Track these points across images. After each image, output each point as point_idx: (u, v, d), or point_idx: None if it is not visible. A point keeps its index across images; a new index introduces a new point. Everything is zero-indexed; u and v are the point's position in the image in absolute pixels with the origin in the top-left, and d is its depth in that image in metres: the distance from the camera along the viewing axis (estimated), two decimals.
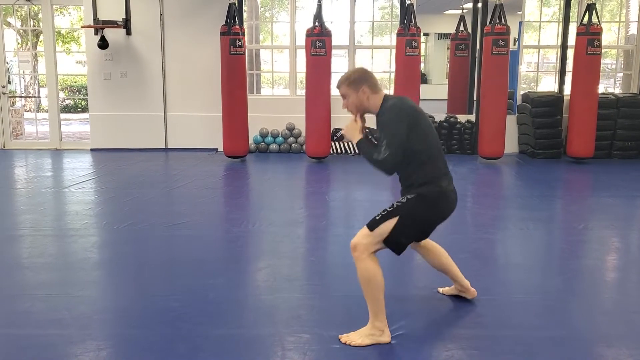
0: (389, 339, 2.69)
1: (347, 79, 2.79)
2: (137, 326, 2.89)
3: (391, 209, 2.70)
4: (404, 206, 2.70)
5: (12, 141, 8.91)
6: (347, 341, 2.68)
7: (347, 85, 2.78)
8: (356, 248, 2.70)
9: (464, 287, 3.13)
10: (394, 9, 9.22)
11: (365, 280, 2.67)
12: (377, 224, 2.69)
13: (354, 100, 2.78)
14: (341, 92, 2.82)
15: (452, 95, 9.30)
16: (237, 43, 7.40)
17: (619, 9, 9.51)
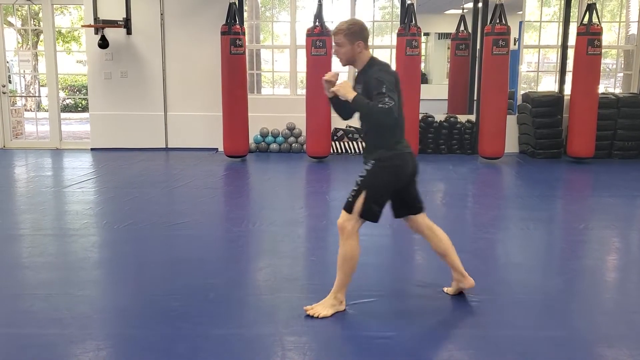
0: (344, 307, 2.99)
1: (348, 30, 2.87)
2: (137, 326, 2.89)
3: (357, 188, 2.89)
4: (366, 180, 2.89)
5: (13, 141, 8.91)
6: (313, 313, 2.90)
7: (345, 35, 2.87)
8: (345, 229, 2.91)
9: (461, 274, 3.14)
10: (395, 9, 9.21)
11: (347, 257, 2.92)
12: (352, 205, 2.89)
13: (348, 51, 2.89)
14: (337, 39, 2.89)
15: (452, 95, 9.29)
16: (238, 42, 7.39)
17: (619, 9, 9.50)
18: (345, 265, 2.93)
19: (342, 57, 2.93)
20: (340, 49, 2.90)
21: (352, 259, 2.93)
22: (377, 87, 2.76)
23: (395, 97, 2.76)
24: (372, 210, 2.91)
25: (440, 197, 6.01)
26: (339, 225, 2.93)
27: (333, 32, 2.92)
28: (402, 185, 2.99)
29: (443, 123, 8.26)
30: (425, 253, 4.22)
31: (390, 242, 4.40)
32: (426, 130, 8.17)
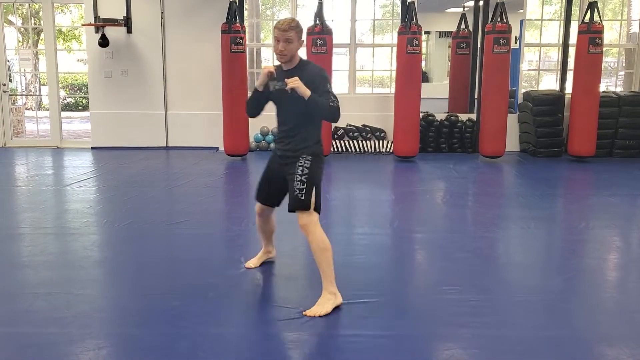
0: (341, 299, 2.99)
1: (297, 27, 2.98)
2: (137, 325, 2.88)
3: (306, 185, 3.00)
4: (312, 175, 3.03)
5: (13, 139, 8.91)
6: (313, 314, 2.90)
7: (296, 32, 2.96)
8: (308, 227, 3.00)
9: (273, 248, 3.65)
10: (395, 7, 9.20)
11: (321, 249, 2.99)
12: (309, 202, 3.00)
13: (295, 47, 2.99)
14: (288, 35, 2.94)
15: (453, 94, 9.29)
16: (238, 41, 7.39)
17: (621, 7, 9.49)
18: (323, 258, 3.00)
19: (289, 53, 2.99)
20: (289, 45, 2.96)
21: (326, 249, 3.00)
22: (324, 85, 2.97)
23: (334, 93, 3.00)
24: (320, 203, 3.08)
25: (440, 196, 6.00)
26: (302, 226, 3.01)
27: (283, 28, 2.95)
28: None
29: (444, 122, 8.25)
30: (426, 253, 4.22)
31: (389, 242, 4.39)
32: (427, 129, 8.16)
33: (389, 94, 8.44)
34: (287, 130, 3.13)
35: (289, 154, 3.11)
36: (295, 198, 3.00)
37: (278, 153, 3.21)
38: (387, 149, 8.17)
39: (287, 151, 3.11)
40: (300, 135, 3.08)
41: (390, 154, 8.08)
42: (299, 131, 3.08)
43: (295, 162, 3.06)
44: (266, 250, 3.68)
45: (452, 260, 3.87)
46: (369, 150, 8.21)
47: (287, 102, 3.05)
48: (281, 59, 3.02)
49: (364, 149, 8.23)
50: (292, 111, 3.06)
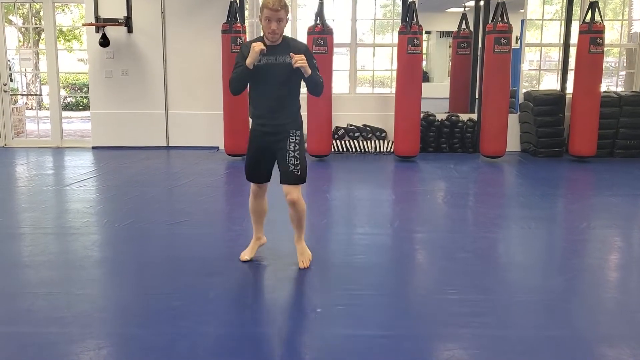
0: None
1: (286, 5, 3.13)
2: (137, 325, 2.88)
3: (299, 161, 3.26)
4: (301, 149, 3.29)
5: (14, 139, 8.91)
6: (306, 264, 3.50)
7: (285, 10, 3.12)
8: (298, 200, 3.34)
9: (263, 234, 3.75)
10: (396, 7, 9.20)
11: (304, 212, 3.44)
12: (304, 176, 3.31)
13: (284, 25, 3.17)
14: (279, 15, 3.11)
15: (453, 94, 9.28)
16: (239, 41, 7.38)
17: (622, 7, 9.48)
18: (303, 219, 3.48)
19: (280, 32, 3.17)
20: (280, 24, 3.12)
21: (305, 210, 3.46)
22: (311, 61, 3.23)
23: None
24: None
25: (441, 196, 6.00)
26: (294, 200, 3.30)
27: (275, 7, 3.09)
28: None
29: (444, 122, 8.24)
30: (426, 253, 4.22)
31: (390, 242, 4.39)
32: (427, 128, 8.15)
33: (389, 93, 8.43)
34: (273, 105, 3.26)
35: (278, 128, 3.27)
36: (292, 174, 3.25)
37: (265, 129, 3.32)
38: (388, 149, 8.16)
39: (276, 126, 3.27)
40: (287, 108, 3.27)
41: (390, 153, 8.07)
42: (285, 104, 3.27)
43: (287, 137, 3.26)
44: (257, 237, 3.75)
45: (452, 260, 3.86)
46: (370, 150, 8.21)
47: (275, 76, 3.22)
48: (273, 37, 3.18)
49: (364, 148, 8.22)
50: (279, 85, 3.23)
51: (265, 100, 3.28)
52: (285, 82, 3.25)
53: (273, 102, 3.26)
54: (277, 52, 3.22)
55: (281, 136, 3.27)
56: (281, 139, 3.27)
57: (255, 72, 3.25)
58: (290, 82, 3.28)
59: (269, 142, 3.33)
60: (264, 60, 3.22)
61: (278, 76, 3.23)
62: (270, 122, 3.28)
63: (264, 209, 3.70)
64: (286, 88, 3.27)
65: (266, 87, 3.27)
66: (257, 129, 3.38)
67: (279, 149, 3.29)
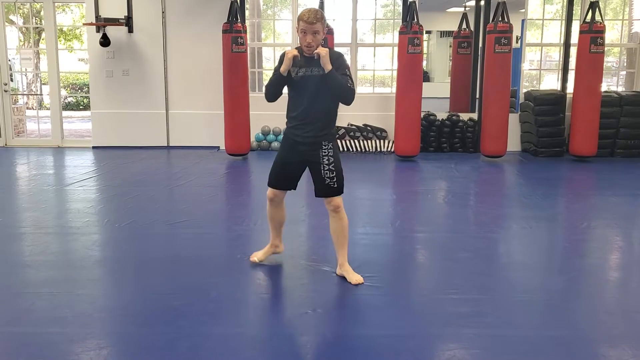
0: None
1: (323, 18, 3.07)
2: (138, 324, 2.88)
3: (335, 173, 3.22)
4: (336, 161, 3.24)
5: (14, 139, 8.92)
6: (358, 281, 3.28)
7: (322, 22, 3.06)
8: (341, 208, 3.31)
9: (281, 242, 3.66)
10: (396, 7, 9.19)
11: (346, 228, 3.35)
12: (341, 187, 3.29)
13: (321, 37, 3.11)
14: (316, 27, 3.05)
15: (454, 94, 9.28)
16: (239, 41, 7.38)
17: (622, 7, 9.48)
18: (347, 235, 3.35)
19: (316, 45, 3.11)
20: (316, 37, 3.06)
21: (347, 227, 3.39)
22: (344, 69, 3.13)
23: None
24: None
25: (442, 196, 6.00)
26: (335, 206, 3.27)
27: (310, 20, 3.03)
28: None
29: (445, 121, 8.24)
30: (427, 252, 4.22)
31: (391, 242, 4.39)
32: (428, 128, 8.16)
33: (390, 93, 8.43)
34: (307, 117, 3.19)
35: (310, 140, 3.20)
36: (328, 187, 3.23)
37: (297, 140, 3.26)
38: (389, 149, 8.16)
39: (308, 138, 3.20)
40: (321, 122, 3.18)
41: (391, 153, 8.07)
42: (319, 118, 3.18)
43: (318, 149, 3.21)
44: (273, 243, 3.66)
45: (453, 260, 3.86)
46: (370, 149, 8.20)
47: (311, 88, 3.16)
48: (308, 50, 3.12)
49: (365, 148, 8.22)
50: (313, 97, 3.15)
51: (300, 111, 3.22)
52: (320, 94, 3.17)
53: (307, 114, 3.20)
54: (314, 64, 3.16)
55: (314, 147, 3.23)
56: (314, 150, 3.23)
57: (292, 84, 3.23)
58: (325, 94, 3.18)
59: (301, 151, 3.28)
60: (300, 72, 3.18)
61: (313, 88, 3.17)
62: (303, 134, 3.23)
63: (282, 217, 3.61)
64: (321, 101, 3.18)
65: (301, 99, 3.22)
66: (290, 137, 3.32)
67: (312, 162, 3.27)
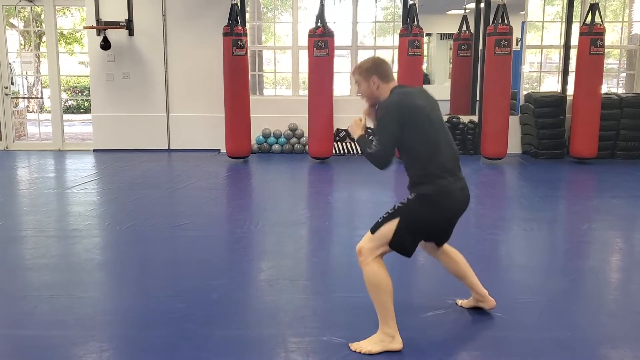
0: (400, 345, 2.61)
1: (359, 68, 2.82)
2: (140, 327, 2.88)
3: (392, 211, 2.65)
4: (405, 207, 2.64)
5: (15, 142, 8.93)
6: (357, 349, 2.61)
7: (359, 73, 2.81)
8: (361, 252, 2.65)
9: (481, 295, 3.00)
10: (397, 10, 9.20)
11: (372, 285, 2.61)
12: (378, 227, 2.65)
13: (365, 88, 2.79)
14: (355, 79, 2.85)
15: (454, 96, 9.28)
16: (240, 44, 7.40)
17: (622, 9, 9.49)
18: (375, 295, 2.62)
19: (364, 95, 2.82)
20: (361, 87, 2.83)
21: (378, 286, 2.60)
22: (377, 125, 2.69)
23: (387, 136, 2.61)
24: (404, 243, 2.66)
25: None
26: (357, 248, 2.68)
27: (352, 73, 2.91)
28: (448, 223, 2.78)
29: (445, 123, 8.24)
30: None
31: None
32: None
33: None
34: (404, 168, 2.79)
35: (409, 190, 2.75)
36: (376, 221, 2.69)
37: None
38: None
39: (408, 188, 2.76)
40: (409, 174, 2.74)
41: None
42: (407, 171, 2.75)
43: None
44: (474, 296, 3.06)
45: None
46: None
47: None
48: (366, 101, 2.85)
49: None
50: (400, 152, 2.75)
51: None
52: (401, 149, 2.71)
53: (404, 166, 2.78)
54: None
55: None
56: None
57: None
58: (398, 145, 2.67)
59: None
60: None
61: None
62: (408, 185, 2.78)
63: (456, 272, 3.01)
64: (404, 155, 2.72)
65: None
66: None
67: None
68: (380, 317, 2.63)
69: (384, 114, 2.66)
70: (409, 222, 2.63)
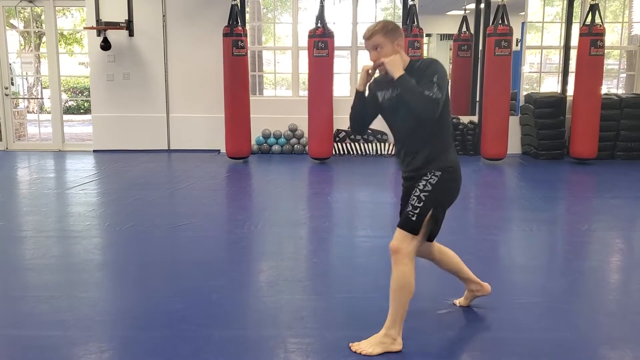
0: (400, 347, 2.60)
1: (384, 28, 2.54)
2: (139, 328, 2.88)
3: (422, 204, 2.53)
4: (434, 193, 2.54)
5: (15, 142, 8.93)
6: (357, 349, 2.59)
7: (384, 34, 2.53)
8: (399, 252, 2.54)
9: (477, 284, 3.01)
10: (397, 10, 9.21)
11: (400, 286, 2.54)
12: (418, 226, 2.54)
13: (389, 51, 2.53)
14: (374, 41, 2.54)
15: (454, 96, 9.27)
16: (240, 44, 7.40)
17: (622, 10, 9.49)
18: (398, 295, 2.55)
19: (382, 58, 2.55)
20: (379, 51, 2.54)
21: (405, 287, 2.54)
22: (429, 75, 2.46)
23: (445, 87, 2.46)
24: (435, 230, 2.63)
25: None
26: (392, 248, 2.54)
27: (366, 36, 2.57)
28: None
29: None
30: None
31: None
32: None
33: None
34: (405, 150, 2.66)
35: (412, 174, 2.64)
36: (406, 216, 2.54)
37: (403, 175, 2.73)
38: (389, 152, 8.17)
39: (411, 171, 2.64)
40: (421, 154, 2.59)
41: (392, 156, 8.08)
42: (418, 150, 2.60)
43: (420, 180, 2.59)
44: (468, 289, 3.06)
45: None
46: (371, 152, 8.21)
47: (399, 113, 2.61)
48: (381, 70, 2.59)
49: (365, 151, 8.23)
50: (405, 123, 2.61)
51: (398, 143, 2.71)
52: (411, 118, 2.54)
53: (404, 145, 2.66)
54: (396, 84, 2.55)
55: (416, 181, 2.61)
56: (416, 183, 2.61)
57: (383, 112, 2.73)
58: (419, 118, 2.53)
59: (407, 188, 2.70)
60: (387, 95, 2.64)
61: (402, 113, 2.58)
62: (405, 168, 2.68)
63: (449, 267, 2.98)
64: (415, 126, 2.57)
65: (394, 128, 2.71)
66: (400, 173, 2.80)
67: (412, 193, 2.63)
68: (392, 318, 2.60)
69: (438, 68, 2.49)
70: (442, 205, 2.60)
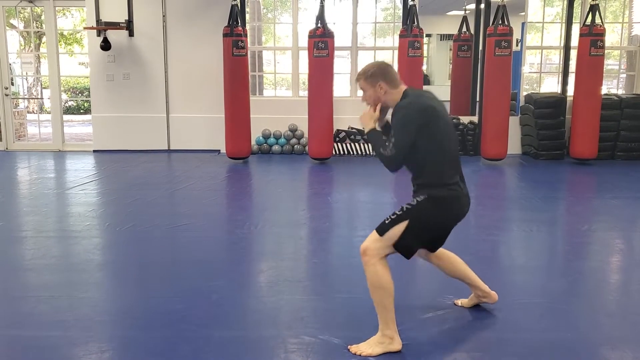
0: (399, 346, 2.61)
1: (365, 73, 2.72)
2: (139, 328, 2.88)
3: (400, 213, 2.62)
4: (414, 209, 2.61)
5: (15, 142, 8.93)
6: (356, 351, 2.59)
7: (364, 79, 2.72)
8: (366, 252, 2.61)
9: (484, 292, 3.02)
10: (397, 10, 9.21)
11: (375, 286, 2.59)
12: (387, 228, 2.61)
13: (371, 94, 2.72)
14: (359, 85, 2.77)
15: (454, 97, 9.29)
16: (240, 44, 7.40)
17: (622, 10, 9.49)
18: (377, 296, 2.60)
19: (370, 101, 2.74)
20: (365, 94, 2.75)
21: (381, 287, 2.58)
22: (392, 128, 2.63)
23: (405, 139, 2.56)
24: (409, 246, 2.66)
25: None
26: (361, 248, 2.63)
27: (356, 79, 2.79)
28: (448, 229, 2.79)
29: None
30: None
31: None
32: None
33: None
34: (411, 177, 2.77)
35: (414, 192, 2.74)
36: (383, 220, 2.64)
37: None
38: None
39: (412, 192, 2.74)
40: (417, 180, 2.71)
41: None
42: (415, 176, 2.72)
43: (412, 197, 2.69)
44: (474, 293, 3.08)
45: None
46: (371, 153, 8.21)
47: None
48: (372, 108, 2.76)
49: (365, 151, 8.23)
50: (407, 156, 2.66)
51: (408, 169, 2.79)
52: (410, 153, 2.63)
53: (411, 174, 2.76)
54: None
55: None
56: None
57: None
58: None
59: None
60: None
61: None
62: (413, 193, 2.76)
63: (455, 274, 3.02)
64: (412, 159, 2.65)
65: None
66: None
67: None
68: (381, 319, 2.62)
69: (404, 114, 2.60)
70: (419, 224, 2.62)
